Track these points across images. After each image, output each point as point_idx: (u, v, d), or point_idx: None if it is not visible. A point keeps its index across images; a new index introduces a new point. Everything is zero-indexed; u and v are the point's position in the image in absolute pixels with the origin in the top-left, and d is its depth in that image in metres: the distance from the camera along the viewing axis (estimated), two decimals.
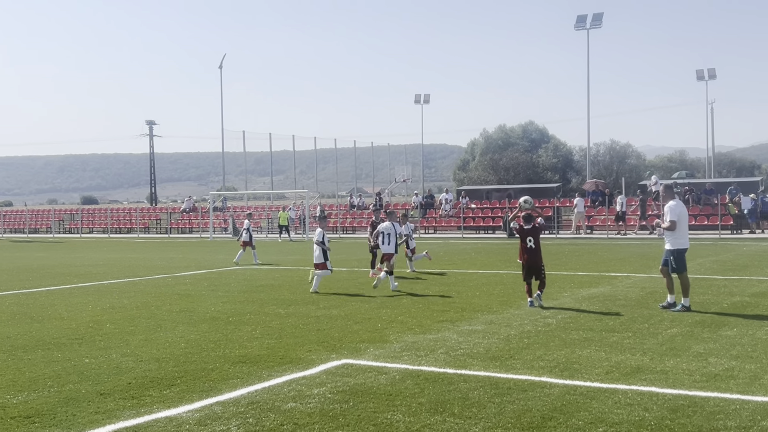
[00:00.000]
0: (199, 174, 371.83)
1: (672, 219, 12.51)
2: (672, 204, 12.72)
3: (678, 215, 12.53)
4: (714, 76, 69.19)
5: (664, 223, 12.67)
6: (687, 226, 12.87)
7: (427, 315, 12.27)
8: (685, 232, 12.72)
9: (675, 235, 12.57)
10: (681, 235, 12.59)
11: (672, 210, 12.60)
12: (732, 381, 7.52)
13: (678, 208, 12.63)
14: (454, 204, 46.45)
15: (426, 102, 75.59)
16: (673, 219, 12.50)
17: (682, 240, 12.59)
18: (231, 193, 67.58)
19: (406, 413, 6.62)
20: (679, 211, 12.58)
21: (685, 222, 12.73)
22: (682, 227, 12.62)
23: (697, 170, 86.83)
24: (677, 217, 12.50)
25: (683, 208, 12.79)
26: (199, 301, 14.70)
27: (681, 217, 12.58)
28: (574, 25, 59.20)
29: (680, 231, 12.57)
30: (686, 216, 12.89)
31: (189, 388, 7.68)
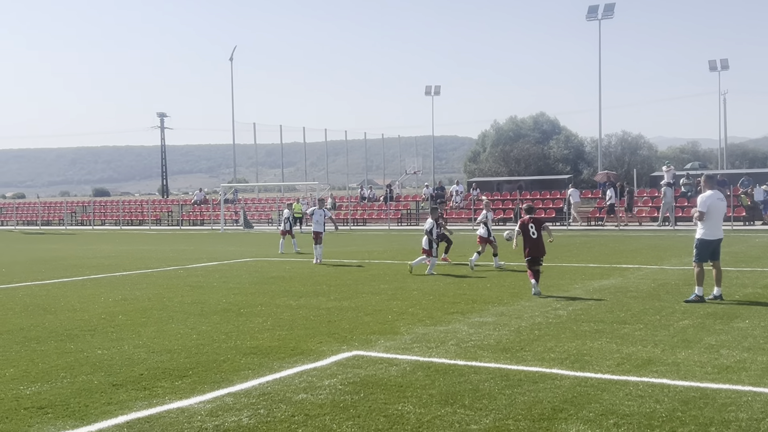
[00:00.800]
0: (210, 166, 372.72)
1: (701, 210, 12.43)
2: (705, 195, 12.55)
3: (708, 206, 12.39)
4: (726, 66, 68.75)
5: (695, 213, 12.57)
6: (719, 218, 12.63)
7: (438, 307, 12.28)
8: (714, 224, 12.50)
9: (702, 225, 12.48)
10: (708, 226, 12.45)
11: (702, 201, 12.50)
12: (744, 373, 7.50)
13: (710, 200, 12.43)
14: (464, 196, 46.40)
15: (437, 93, 75.41)
16: (701, 210, 12.42)
17: (707, 231, 12.45)
18: (242, 185, 67.74)
19: (417, 405, 6.63)
20: (710, 203, 12.41)
21: (715, 214, 12.50)
22: (712, 219, 12.45)
23: (709, 161, 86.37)
24: (706, 209, 12.38)
25: (716, 200, 12.50)
26: (210, 293, 14.75)
27: (711, 209, 12.41)
28: (586, 16, 58.86)
29: (708, 222, 12.43)
30: (719, 208, 12.59)
31: (201, 380, 7.71)
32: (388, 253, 24.08)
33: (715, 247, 12.56)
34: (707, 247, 12.48)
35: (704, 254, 12.49)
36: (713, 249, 12.54)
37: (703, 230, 12.51)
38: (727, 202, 14.49)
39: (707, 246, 12.48)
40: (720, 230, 12.62)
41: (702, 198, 12.61)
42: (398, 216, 47.55)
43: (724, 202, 12.82)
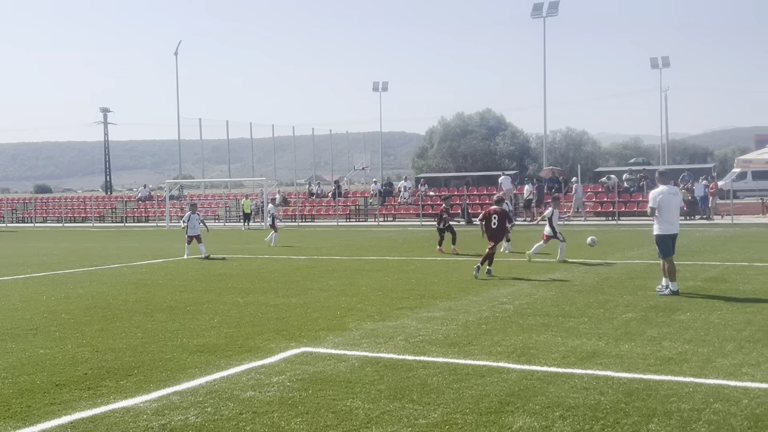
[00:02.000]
0: (155, 162, 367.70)
1: (651, 206, 12.75)
2: (656, 190, 12.82)
3: (659, 202, 12.64)
4: (668, 64, 70.18)
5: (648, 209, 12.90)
6: (673, 213, 12.82)
7: (387, 302, 12.30)
8: (667, 219, 12.72)
9: (657, 221, 12.76)
10: (662, 220, 12.70)
11: (653, 197, 12.78)
12: (685, 364, 7.67)
13: (660, 195, 12.66)
14: (412, 192, 46.56)
15: (384, 89, 75.50)
16: (651, 206, 12.73)
17: (662, 226, 12.71)
18: (187, 182, 66.87)
19: (366, 400, 6.64)
20: (660, 198, 12.65)
21: (668, 209, 12.71)
22: (665, 214, 12.69)
23: (651, 157, 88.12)
24: (657, 204, 12.65)
25: (668, 195, 12.72)
26: (156, 291, 14.56)
27: (663, 204, 12.65)
28: (531, 13, 59.47)
29: (662, 217, 12.69)
30: (672, 203, 12.79)
31: (146, 378, 7.61)
32: (337, 250, 24.05)
33: (673, 242, 12.80)
34: (666, 241, 12.71)
35: (666, 248, 12.70)
36: (673, 242, 12.77)
37: (659, 225, 12.77)
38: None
39: (665, 240, 12.71)
40: (675, 225, 12.85)
41: (653, 193, 12.87)
42: (347, 212, 47.52)
43: (677, 197, 13.06)
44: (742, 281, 13.85)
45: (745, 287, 13.06)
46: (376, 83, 75.32)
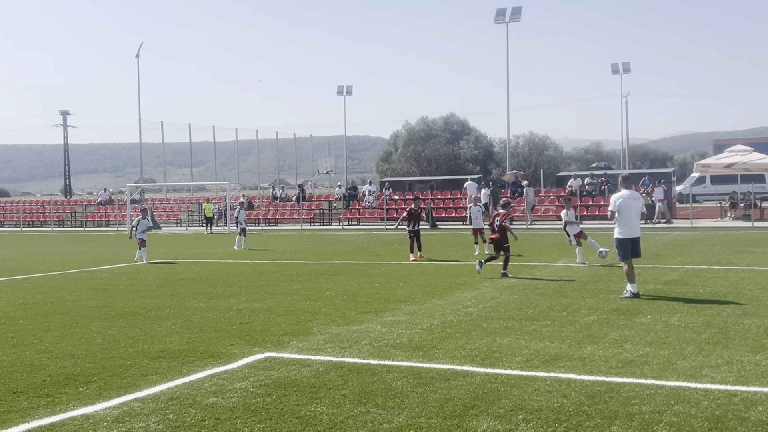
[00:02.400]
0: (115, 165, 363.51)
1: (610, 209, 13.00)
2: (616, 194, 13.04)
3: (618, 206, 12.83)
4: (628, 69, 71.08)
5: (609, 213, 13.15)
6: (633, 217, 12.97)
7: (351, 306, 12.28)
8: (627, 223, 12.88)
9: (618, 224, 12.95)
10: (623, 224, 12.87)
11: (613, 200, 13.00)
12: (646, 366, 7.75)
13: (621, 199, 12.85)
14: (377, 195, 46.56)
15: (349, 93, 75.43)
16: (611, 209, 12.99)
17: (622, 229, 12.89)
18: (149, 185, 66.27)
19: (330, 405, 6.61)
20: (620, 202, 12.83)
21: (628, 213, 12.87)
22: (625, 217, 12.85)
23: (612, 162, 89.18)
24: (616, 208, 12.85)
25: (628, 200, 12.89)
26: (116, 296, 14.37)
27: (623, 208, 12.82)
28: (494, 19, 59.87)
29: (622, 221, 12.86)
30: (632, 207, 12.93)
31: (106, 385, 7.49)
32: (301, 254, 23.96)
33: (633, 244, 12.94)
34: (626, 245, 12.87)
35: (626, 252, 12.86)
36: (633, 246, 12.93)
37: (619, 229, 12.95)
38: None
39: (626, 244, 12.88)
40: (636, 229, 13.01)
41: (614, 197, 13.07)
42: (311, 216, 47.38)
43: (638, 201, 13.20)
44: (701, 284, 14.05)
45: (705, 290, 13.25)
46: (340, 87, 75.25)
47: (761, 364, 7.73)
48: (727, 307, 11.35)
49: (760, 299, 12.01)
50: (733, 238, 26.39)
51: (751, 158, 37.95)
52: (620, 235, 12.92)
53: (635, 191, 13.40)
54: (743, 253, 20.30)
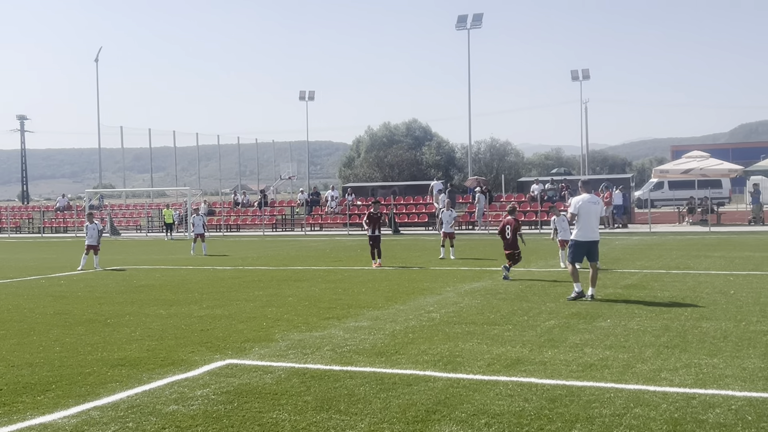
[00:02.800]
0: (74, 171, 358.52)
1: (571, 212, 13.35)
2: (576, 198, 13.38)
3: (578, 209, 13.15)
4: (588, 76, 71.91)
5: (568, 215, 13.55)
6: (592, 221, 13.23)
7: (314, 312, 12.24)
8: (586, 226, 13.15)
9: (576, 227, 13.28)
10: (580, 227, 13.18)
11: (573, 203, 13.36)
12: (606, 370, 7.83)
13: (580, 202, 13.17)
14: (339, 201, 46.52)
15: (311, 99, 75.30)
16: (571, 212, 13.33)
17: (579, 232, 13.18)
18: (108, 191, 65.40)
19: (292, 412, 6.58)
20: (580, 205, 13.15)
21: (587, 216, 13.15)
22: (583, 221, 13.14)
23: (572, 167, 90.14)
24: (576, 211, 13.17)
25: (587, 203, 13.16)
26: (75, 303, 14.16)
27: (582, 211, 13.12)
28: (456, 25, 60.22)
29: (580, 224, 13.17)
30: (590, 211, 13.21)
31: (65, 393, 7.38)
32: (263, 260, 23.83)
33: (590, 248, 13.21)
34: (580, 247, 13.18)
35: (578, 255, 13.22)
36: (587, 250, 13.20)
37: (577, 231, 13.25)
38: None
39: (580, 247, 13.18)
40: (593, 232, 13.26)
41: (574, 200, 13.40)
42: (273, 222, 47.16)
43: (597, 205, 13.47)
44: (659, 288, 14.25)
45: (663, 294, 13.44)
46: (302, 92, 75.10)
47: (719, 367, 7.86)
48: (685, 310, 11.52)
49: (717, 303, 12.22)
50: (690, 242, 26.82)
51: (707, 164, 38.63)
52: (577, 237, 13.22)
53: (595, 196, 13.64)
54: (700, 257, 20.64)
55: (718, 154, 47.38)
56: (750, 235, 29.96)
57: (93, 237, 22.07)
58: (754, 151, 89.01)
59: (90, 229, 22.27)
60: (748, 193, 42.97)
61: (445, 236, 22.86)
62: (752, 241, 26.79)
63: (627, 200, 40.57)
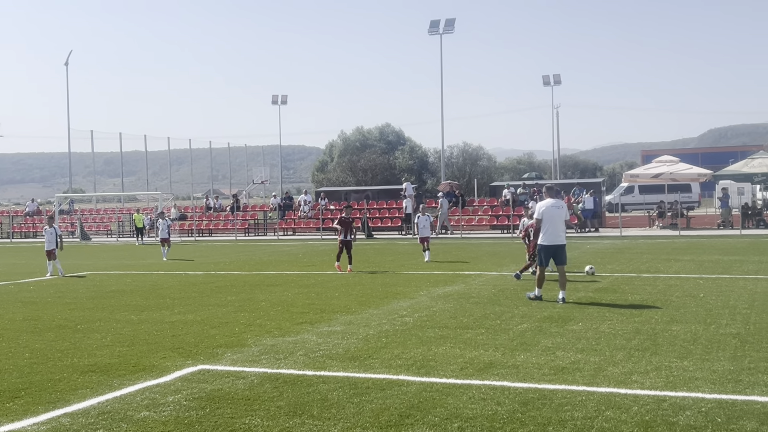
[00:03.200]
0: (43, 175, 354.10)
1: (536, 217, 13.56)
2: (541, 203, 13.67)
3: (542, 213, 13.40)
4: (559, 81, 72.62)
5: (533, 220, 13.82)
6: (556, 225, 13.41)
7: (287, 317, 12.20)
8: (551, 231, 13.36)
9: (542, 231, 13.46)
10: (545, 232, 13.40)
11: (537, 208, 13.64)
12: (578, 373, 7.89)
13: (544, 207, 13.42)
14: (313, 205, 46.42)
15: (284, 103, 75.25)
16: (536, 217, 13.54)
17: (545, 237, 13.41)
18: (78, 195, 64.74)
19: (265, 417, 6.55)
20: (543, 210, 13.40)
21: (551, 221, 13.37)
22: (548, 225, 13.37)
23: (544, 172, 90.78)
24: (541, 216, 13.41)
25: (551, 208, 13.38)
26: (44, 309, 13.99)
27: (546, 216, 13.36)
28: (428, 30, 60.49)
29: (545, 228, 13.39)
30: (554, 215, 13.40)
31: (34, 400, 7.28)
32: (235, 264, 23.71)
33: (555, 252, 13.37)
34: (546, 251, 13.38)
35: (544, 259, 13.42)
36: (554, 253, 13.37)
37: (542, 236, 13.45)
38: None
39: (546, 251, 13.39)
40: (559, 236, 13.42)
41: (538, 205, 13.67)
42: (245, 226, 46.93)
43: (561, 210, 13.57)
44: (630, 292, 14.38)
45: (634, 297, 13.56)
46: (275, 96, 75.01)
47: (689, 369, 7.95)
48: (656, 314, 11.64)
49: (687, 306, 12.35)
50: (660, 246, 27.10)
51: (677, 168, 39.10)
52: (543, 241, 13.45)
53: (559, 201, 13.85)
54: (671, 261, 20.86)
55: (687, 159, 48.03)
56: (719, 239, 30.34)
57: (51, 242, 21.29)
58: (722, 155, 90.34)
59: (48, 233, 21.56)
60: (717, 197, 43.54)
61: (422, 241, 23.14)
62: (721, 244, 27.13)
63: (598, 205, 40.88)
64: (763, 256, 21.49)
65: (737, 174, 41.78)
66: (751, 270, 17.89)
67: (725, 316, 11.30)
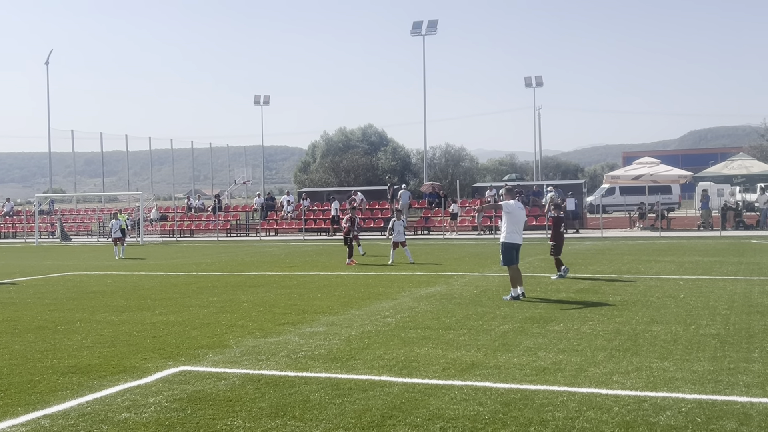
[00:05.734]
0: (23, 175, 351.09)
1: (505, 210, 13.93)
2: (509, 201, 14.15)
3: (511, 210, 13.89)
4: (541, 83, 72.93)
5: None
6: (520, 224, 14.07)
7: (269, 318, 12.17)
8: (515, 230, 13.93)
9: (505, 230, 13.91)
10: (510, 231, 13.87)
11: (506, 204, 14.02)
12: (560, 374, 7.92)
13: (510, 207, 13.95)
14: (295, 206, 46.33)
15: (266, 103, 75.11)
16: (506, 210, 13.91)
17: (508, 235, 13.87)
18: (59, 196, 64.23)
19: (246, 419, 6.53)
20: (510, 209, 13.91)
21: (516, 220, 13.97)
22: (512, 224, 13.89)
23: (525, 173, 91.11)
24: (510, 210, 13.88)
25: (514, 208, 14.04)
26: (24, 310, 13.87)
27: (514, 215, 13.91)
28: (411, 31, 60.54)
29: (510, 227, 13.88)
30: (519, 215, 14.11)
31: (14, 402, 7.22)
32: (217, 265, 23.62)
33: (518, 251, 13.96)
34: (511, 250, 13.83)
35: (510, 257, 13.83)
36: (517, 252, 13.92)
37: (508, 234, 13.87)
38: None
39: (516, 249, 13.87)
40: (521, 236, 14.06)
41: (506, 203, 14.12)
42: (227, 227, 46.77)
43: (523, 210, 14.41)
44: (611, 292, 14.45)
45: (615, 298, 13.63)
46: (257, 96, 74.92)
47: (669, 370, 8.00)
48: (637, 314, 11.70)
49: (667, 307, 12.44)
50: (641, 247, 27.27)
51: (658, 170, 39.32)
52: (509, 240, 13.83)
53: (519, 202, 14.81)
54: (651, 262, 20.99)
55: (668, 161, 48.23)
56: (699, 240, 30.57)
57: None
58: (703, 157, 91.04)
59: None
60: (698, 199, 43.84)
61: (395, 245, 23.04)
62: (701, 245, 27.34)
63: (579, 206, 41.06)
64: (743, 258, 21.68)
65: (717, 176, 42.09)
66: (731, 271, 18.04)
67: (705, 316, 11.39)
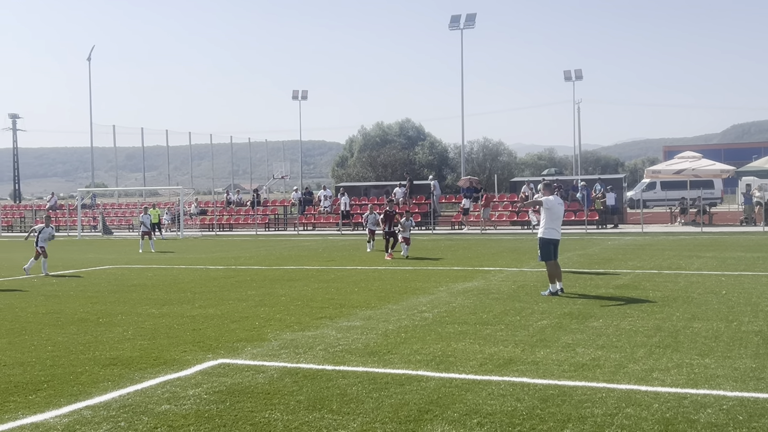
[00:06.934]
0: (66, 170, 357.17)
1: (545, 207, 13.80)
2: (549, 197, 14.01)
3: (551, 206, 13.77)
4: (581, 77, 72.07)
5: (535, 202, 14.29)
6: (559, 220, 13.98)
7: (306, 312, 12.23)
8: (554, 226, 13.83)
9: (543, 226, 13.82)
10: (548, 227, 13.78)
11: (546, 200, 13.90)
12: (598, 370, 7.85)
13: (550, 203, 13.82)
14: (333, 201, 46.48)
15: (304, 98, 75.31)
16: (546, 207, 13.79)
17: (547, 231, 13.77)
18: (100, 190, 65.19)
19: (284, 411, 6.57)
20: (550, 205, 13.79)
21: (556, 216, 13.87)
22: (551, 220, 13.78)
23: (565, 167, 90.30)
24: (550, 206, 13.75)
25: (554, 204, 13.90)
26: (66, 302, 14.12)
27: (554, 210, 13.80)
28: (449, 25, 60.21)
29: (549, 223, 13.78)
30: (559, 211, 14.01)
31: (56, 393, 7.36)
32: (256, 259, 23.80)
33: (556, 247, 13.86)
34: (549, 246, 13.73)
35: (547, 253, 13.72)
36: (555, 248, 13.82)
37: (546, 230, 13.78)
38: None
39: (548, 245, 13.75)
40: (559, 232, 13.95)
41: (546, 198, 14.02)
42: (266, 221, 47.08)
43: (562, 206, 14.29)
44: (651, 288, 14.28)
45: (655, 294, 13.47)
46: (295, 92, 75.11)
47: (710, 367, 7.89)
48: (677, 311, 11.55)
49: (709, 303, 12.26)
50: (682, 243, 26.89)
51: (700, 164, 38.73)
52: (547, 235, 13.73)
53: (559, 197, 14.46)
54: (692, 257, 20.69)
55: (710, 155, 47.55)
56: (742, 236, 30.06)
57: (45, 240, 20.60)
58: (746, 151, 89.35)
59: (45, 232, 20.72)
60: (741, 193, 43.09)
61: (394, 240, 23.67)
62: (744, 241, 26.88)
63: (619, 201, 40.62)
64: None
65: (761, 170, 41.31)
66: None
67: (747, 313, 11.20)
